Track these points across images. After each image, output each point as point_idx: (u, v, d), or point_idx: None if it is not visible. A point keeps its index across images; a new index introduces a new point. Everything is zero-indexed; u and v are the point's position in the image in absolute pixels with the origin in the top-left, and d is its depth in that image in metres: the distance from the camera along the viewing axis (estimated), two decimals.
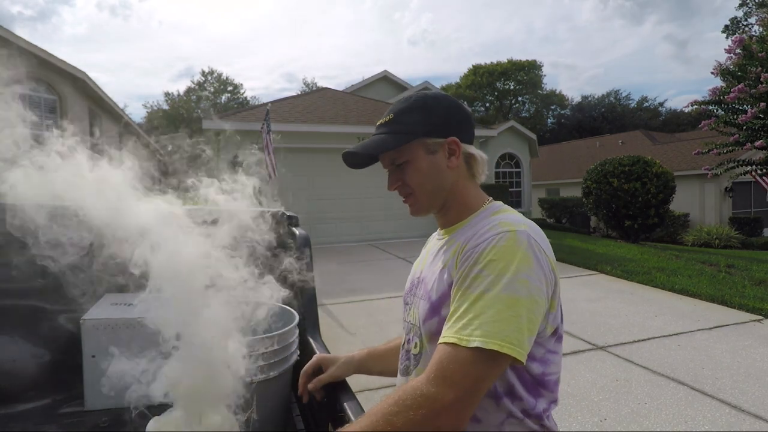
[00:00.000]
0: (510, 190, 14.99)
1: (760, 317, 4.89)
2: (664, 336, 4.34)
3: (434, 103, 0.98)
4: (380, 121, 1.00)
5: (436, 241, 1.05)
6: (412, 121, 0.95)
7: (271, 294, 1.14)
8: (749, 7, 28.90)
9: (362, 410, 1.00)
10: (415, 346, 0.97)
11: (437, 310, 0.89)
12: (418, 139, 0.94)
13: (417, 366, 0.95)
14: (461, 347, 0.74)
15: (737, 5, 29.82)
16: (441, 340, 0.78)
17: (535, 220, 17.09)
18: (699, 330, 4.52)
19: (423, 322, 0.93)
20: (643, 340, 4.23)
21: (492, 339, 0.73)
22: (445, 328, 0.80)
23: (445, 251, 0.95)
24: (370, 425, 0.72)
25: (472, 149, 1.00)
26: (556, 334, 0.92)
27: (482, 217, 0.94)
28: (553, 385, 0.92)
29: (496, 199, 1.02)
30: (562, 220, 18.42)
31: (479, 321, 0.75)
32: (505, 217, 0.89)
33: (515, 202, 16.71)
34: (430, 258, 1.01)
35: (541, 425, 0.89)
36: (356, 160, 1.01)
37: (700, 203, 17.72)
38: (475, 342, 0.73)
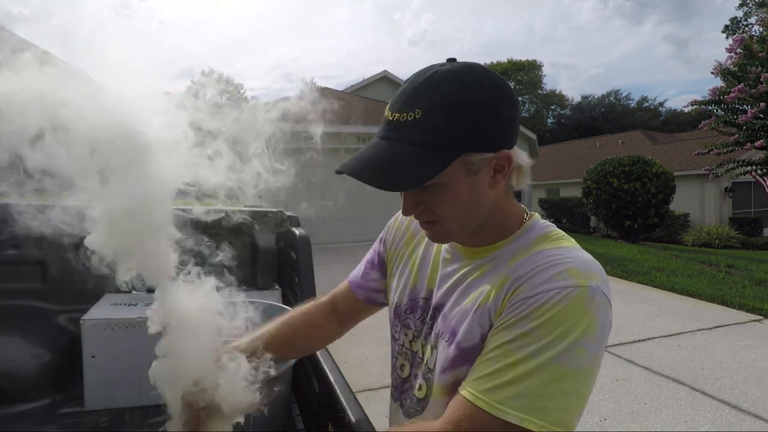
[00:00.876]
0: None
1: (760, 317, 4.89)
2: (664, 336, 4.34)
3: (484, 98, 0.65)
4: (397, 116, 0.66)
5: (443, 251, 0.83)
6: (454, 128, 0.64)
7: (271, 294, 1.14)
8: (749, 7, 28.91)
9: (362, 410, 1.00)
10: (420, 389, 0.81)
11: (469, 359, 0.71)
12: (460, 158, 0.65)
13: (422, 414, 0.80)
14: (490, 415, 0.61)
15: (737, 5, 29.85)
16: (464, 391, 0.65)
17: None
18: (699, 330, 4.52)
19: (443, 369, 0.75)
20: (643, 340, 4.23)
21: (529, 416, 0.60)
22: (470, 378, 0.66)
23: (477, 281, 0.74)
24: None
25: (521, 155, 0.73)
26: None
27: (528, 241, 0.74)
28: None
29: None
30: (562, 220, 18.42)
31: (517, 389, 0.61)
32: (572, 258, 0.68)
33: None
34: (445, 276, 0.81)
35: None
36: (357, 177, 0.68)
37: (700, 203, 17.71)
38: (511, 417, 0.60)
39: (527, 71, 43.03)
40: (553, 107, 46.17)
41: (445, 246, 0.83)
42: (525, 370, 0.62)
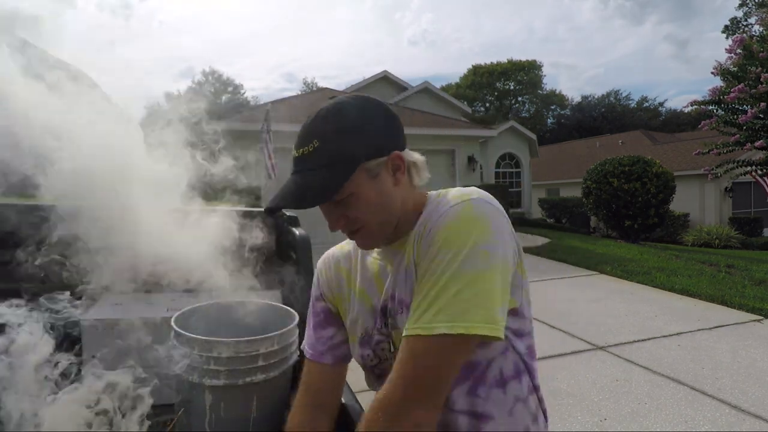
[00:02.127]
0: (510, 190, 15.00)
1: (760, 317, 4.89)
2: (664, 336, 4.34)
3: (360, 115, 0.81)
4: (301, 151, 0.80)
5: (378, 261, 0.91)
6: (346, 145, 0.78)
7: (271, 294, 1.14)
8: (749, 7, 28.92)
9: (363, 410, 1.00)
10: None
11: None
12: (359, 167, 0.78)
13: None
14: (426, 337, 0.69)
15: (737, 5, 29.87)
16: (404, 333, 0.73)
17: (535, 220, 17.02)
18: (699, 330, 4.52)
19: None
20: (643, 340, 4.23)
21: (457, 321, 0.68)
22: (411, 318, 0.74)
23: (401, 258, 0.85)
24: None
25: (411, 155, 0.87)
26: (527, 301, 0.87)
27: (428, 206, 0.84)
28: (535, 353, 0.89)
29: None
30: (562, 220, 18.42)
31: (440, 305, 0.70)
32: (452, 192, 0.82)
33: (515, 202, 16.72)
34: (386, 277, 0.89)
35: (539, 398, 0.89)
36: (284, 205, 0.82)
37: (700, 203, 17.71)
38: (440, 328, 0.68)
39: (527, 71, 43.01)
40: (553, 107, 46.16)
41: (378, 257, 0.91)
42: (440, 287, 0.71)
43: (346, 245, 1.01)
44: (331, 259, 1.04)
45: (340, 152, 0.78)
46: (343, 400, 1.03)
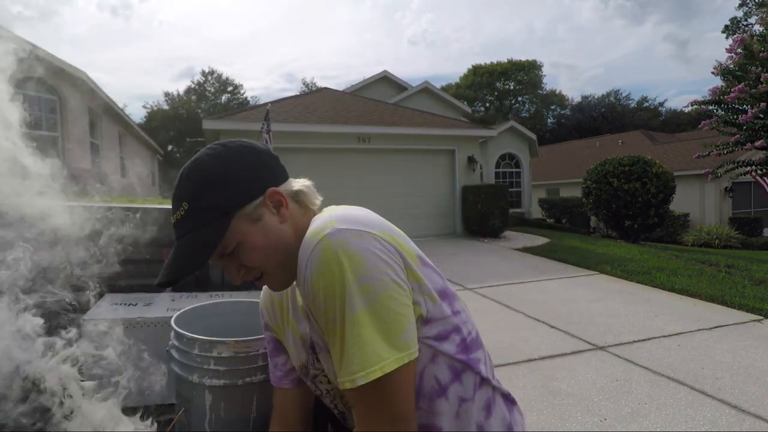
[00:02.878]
0: (510, 190, 14.99)
1: (760, 317, 4.89)
2: (664, 336, 4.34)
3: (221, 164, 0.78)
4: (174, 218, 0.78)
5: (299, 296, 0.91)
6: (215, 199, 0.76)
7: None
8: (749, 7, 28.90)
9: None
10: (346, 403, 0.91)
11: (326, 349, 0.80)
12: (236, 216, 0.77)
13: None
14: (365, 386, 0.68)
15: (737, 5, 29.85)
16: (342, 386, 0.71)
17: (535, 221, 17.00)
18: (699, 330, 4.52)
19: (335, 375, 0.80)
20: (643, 340, 4.23)
21: (368, 369, 0.67)
22: (336, 375, 0.73)
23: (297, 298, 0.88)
24: None
25: (294, 184, 0.85)
26: (444, 296, 0.81)
27: (303, 244, 0.80)
28: (478, 341, 0.86)
29: (492, 200, 0.93)
30: (562, 220, 18.42)
31: (358, 353, 0.68)
32: (311, 228, 0.76)
33: (515, 202, 16.72)
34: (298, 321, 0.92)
35: (493, 387, 0.87)
36: (175, 277, 0.78)
37: (700, 203, 17.71)
38: (358, 380, 0.68)
39: (527, 71, 43.00)
40: (553, 107, 46.14)
41: (298, 293, 0.90)
42: (339, 339, 0.69)
43: None
44: (266, 290, 1.02)
45: (211, 208, 0.76)
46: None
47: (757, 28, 9.65)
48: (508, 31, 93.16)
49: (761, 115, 8.41)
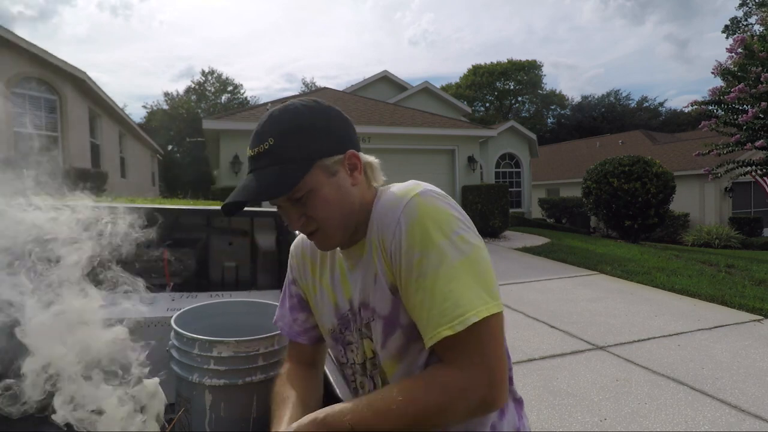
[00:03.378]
0: (510, 190, 14.99)
1: (760, 317, 4.89)
2: (664, 336, 4.35)
3: (318, 119, 0.81)
4: (257, 150, 0.80)
5: (344, 261, 0.91)
6: (302, 143, 0.78)
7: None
8: (749, 7, 28.90)
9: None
10: (381, 381, 0.88)
11: (395, 322, 0.81)
12: (316, 164, 0.79)
13: None
14: (461, 333, 0.69)
15: (737, 5, 29.85)
16: (432, 340, 0.71)
17: (535, 220, 17.05)
18: (699, 330, 4.52)
19: (382, 345, 0.83)
20: (643, 340, 4.23)
21: (478, 307, 0.69)
22: (422, 330, 0.74)
23: (368, 261, 0.84)
24: (403, 416, 0.69)
25: (366, 156, 0.88)
26: None
27: (376, 205, 0.84)
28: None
29: (493, 200, 0.95)
30: (562, 220, 18.43)
31: (454, 299, 0.70)
32: (396, 189, 0.81)
33: (515, 202, 16.72)
34: (354, 280, 0.88)
35: (510, 392, 0.90)
36: (240, 206, 0.83)
37: (700, 203, 17.72)
38: (470, 319, 0.69)
39: (527, 71, 42.99)
40: (553, 107, 46.13)
41: (343, 257, 0.91)
42: (444, 282, 0.70)
43: None
44: (299, 246, 1.03)
45: (296, 149, 0.78)
46: (340, 397, 1.02)
47: (757, 28, 9.64)
48: (508, 31, 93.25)
49: (761, 115, 8.41)
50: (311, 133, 0.79)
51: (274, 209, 2.15)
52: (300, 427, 0.74)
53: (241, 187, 0.81)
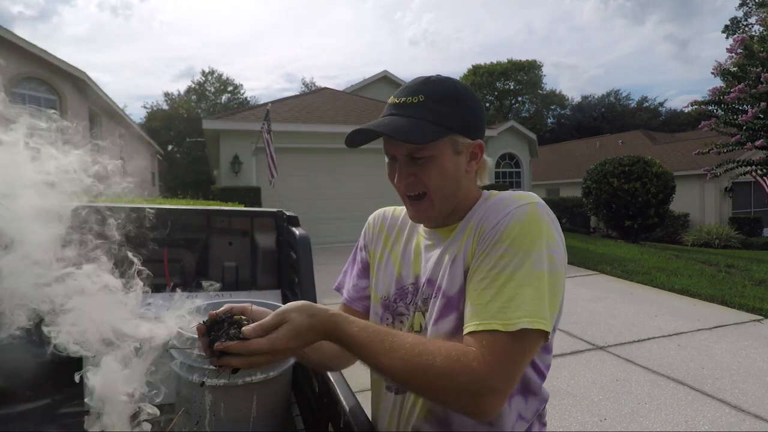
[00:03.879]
0: (510, 190, 14.98)
1: (760, 317, 4.89)
2: (664, 336, 4.34)
3: (468, 97, 0.85)
4: (406, 99, 0.84)
5: (424, 240, 0.94)
6: (448, 112, 0.82)
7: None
8: (749, 7, 28.90)
9: (362, 410, 1.00)
10: None
11: (455, 305, 0.82)
12: (449, 136, 0.82)
13: None
14: (505, 333, 0.70)
15: (737, 5, 29.83)
16: (478, 327, 0.72)
17: None
18: (699, 330, 4.52)
19: (434, 322, 0.84)
20: (643, 340, 4.23)
21: (536, 318, 0.71)
22: (473, 314, 0.74)
23: (451, 244, 0.86)
24: (405, 353, 0.70)
25: (485, 156, 0.92)
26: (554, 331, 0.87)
27: (483, 202, 0.88)
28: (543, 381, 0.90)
29: None
30: (562, 220, 18.41)
31: (518, 301, 0.71)
32: (514, 192, 0.84)
33: None
34: (428, 259, 0.90)
35: (541, 424, 0.90)
36: (367, 137, 0.86)
37: (700, 203, 17.71)
38: (522, 323, 0.70)
39: (527, 71, 42.96)
40: (553, 107, 46.12)
41: (424, 236, 0.93)
42: (517, 284, 0.72)
43: (400, 210, 1.04)
44: (380, 216, 1.07)
45: (440, 115, 0.81)
46: (344, 404, 1.03)
47: (757, 28, 9.64)
48: (508, 31, 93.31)
49: (761, 115, 8.41)
50: (458, 108, 0.83)
51: (274, 210, 2.15)
52: (311, 311, 0.75)
53: (376, 123, 0.83)
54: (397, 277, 0.95)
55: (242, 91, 42.49)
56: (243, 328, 0.74)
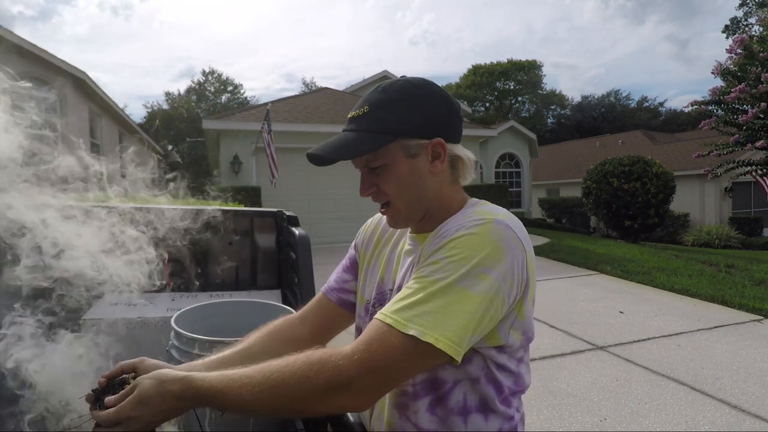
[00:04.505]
0: (510, 190, 15.00)
1: (760, 317, 4.89)
2: (664, 336, 4.34)
3: (418, 96, 0.82)
4: (353, 113, 0.85)
5: (407, 245, 0.93)
6: (391, 117, 0.80)
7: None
8: (749, 7, 28.89)
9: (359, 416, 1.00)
10: None
11: None
12: (397, 141, 0.81)
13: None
14: (396, 330, 0.68)
15: (737, 5, 29.82)
16: (378, 315, 0.72)
17: (535, 220, 17.02)
18: (699, 330, 4.52)
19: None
20: (643, 340, 4.23)
21: (430, 331, 0.67)
22: (387, 304, 0.74)
23: (419, 251, 0.86)
24: (262, 377, 0.67)
25: (459, 150, 0.86)
26: (526, 344, 0.84)
27: (463, 211, 0.87)
28: (521, 394, 0.87)
29: (493, 200, 0.92)
30: (562, 220, 18.42)
31: (422, 309, 0.69)
32: (483, 208, 0.83)
33: (515, 202, 16.71)
34: (403, 264, 0.90)
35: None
36: (324, 160, 0.86)
37: (700, 203, 17.72)
38: (412, 330, 0.67)
39: (527, 71, 42.98)
40: (553, 107, 46.13)
41: (408, 241, 0.92)
42: (432, 291, 0.70)
43: None
44: (376, 219, 1.07)
45: (382, 122, 0.80)
46: None
47: (757, 29, 9.64)
48: (508, 31, 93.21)
49: (761, 115, 8.41)
50: (405, 110, 0.81)
51: (274, 210, 2.15)
52: (161, 377, 0.71)
53: (324, 143, 0.85)
54: (378, 282, 0.95)
55: (242, 91, 42.52)
56: (106, 398, 0.71)
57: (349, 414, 0.98)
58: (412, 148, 0.81)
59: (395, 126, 0.80)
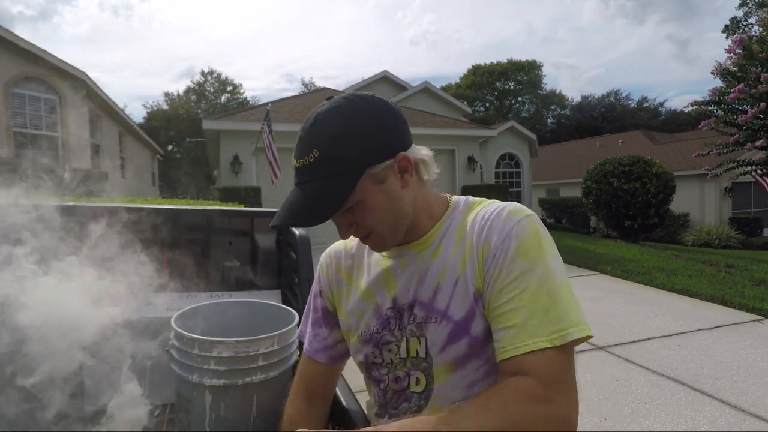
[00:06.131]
0: (510, 190, 15.00)
1: (760, 317, 4.89)
2: (664, 336, 4.35)
3: (360, 117, 0.75)
4: (302, 161, 0.75)
5: (391, 260, 0.87)
6: (348, 153, 0.73)
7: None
8: (749, 7, 28.91)
9: (362, 409, 1.00)
10: (418, 383, 0.83)
11: (466, 329, 0.77)
12: (364, 174, 0.74)
13: (428, 405, 0.82)
14: (554, 348, 0.67)
15: (737, 5, 29.84)
16: (525, 348, 0.68)
17: None
18: (699, 330, 4.52)
19: (441, 349, 0.79)
20: (643, 340, 4.23)
21: (581, 326, 0.69)
22: (513, 337, 0.70)
23: (438, 261, 0.81)
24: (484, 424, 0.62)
25: (417, 152, 0.81)
26: None
27: (460, 213, 0.85)
28: None
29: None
30: (562, 220, 18.42)
31: (557, 313, 0.69)
32: (502, 203, 0.83)
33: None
34: (401, 277, 0.85)
35: None
36: (298, 225, 0.80)
37: (700, 203, 17.72)
38: (572, 334, 0.68)
39: (527, 71, 42.99)
40: (553, 107, 46.15)
41: (389, 255, 0.88)
42: (549, 297, 0.70)
43: (351, 241, 0.96)
44: (332, 256, 1.00)
45: (343, 160, 0.73)
46: (344, 404, 1.03)
47: (757, 29, 9.64)
48: (508, 31, 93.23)
49: (761, 115, 8.41)
50: (358, 141, 0.74)
51: (274, 210, 2.14)
52: None
53: (289, 205, 0.77)
54: (374, 310, 0.89)
55: (242, 91, 42.51)
56: None
57: (351, 415, 0.98)
58: (380, 174, 0.76)
59: (356, 161, 0.73)
